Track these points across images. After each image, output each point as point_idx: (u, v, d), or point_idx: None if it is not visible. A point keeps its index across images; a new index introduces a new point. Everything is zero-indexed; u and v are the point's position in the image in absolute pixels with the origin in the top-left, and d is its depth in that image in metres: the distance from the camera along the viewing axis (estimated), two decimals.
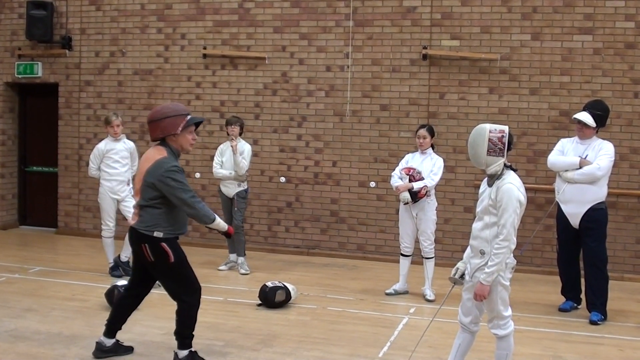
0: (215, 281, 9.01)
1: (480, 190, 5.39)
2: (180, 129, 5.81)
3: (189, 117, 5.89)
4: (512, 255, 5.22)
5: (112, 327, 6.18)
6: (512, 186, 5.10)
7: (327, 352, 6.46)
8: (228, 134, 9.55)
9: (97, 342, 6.17)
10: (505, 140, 5.16)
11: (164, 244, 5.77)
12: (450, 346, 6.60)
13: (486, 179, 5.33)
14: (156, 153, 5.82)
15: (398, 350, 6.57)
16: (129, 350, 6.26)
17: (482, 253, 5.19)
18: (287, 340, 6.79)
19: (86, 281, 8.95)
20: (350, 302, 8.32)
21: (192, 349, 5.95)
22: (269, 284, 8.06)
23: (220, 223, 6.01)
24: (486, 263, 5.13)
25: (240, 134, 9.61)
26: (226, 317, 7.52)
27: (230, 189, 9.58)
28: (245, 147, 9.59)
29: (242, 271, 9.60)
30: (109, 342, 6.16)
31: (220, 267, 9.77)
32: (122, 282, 7.84)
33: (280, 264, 10.39)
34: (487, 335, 6.75)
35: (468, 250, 5.48)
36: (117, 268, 9.24)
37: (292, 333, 7.04)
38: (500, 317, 5.27)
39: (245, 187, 9.67)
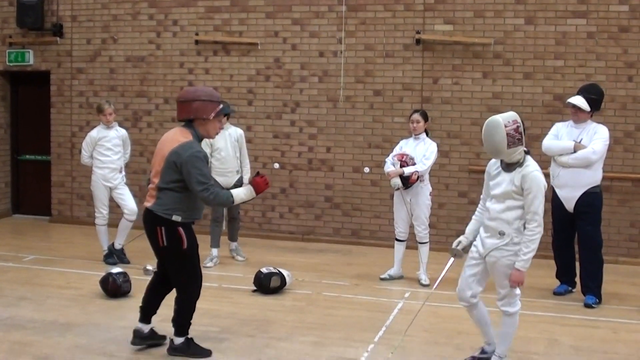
0: (210, 267, 8.99)
1: (492, 173, 5.46)
2: (213, 114, 5.77)
3: (221, 105, 5.87)
4: None
5: (147, 312, 6.08)
6: (539, 174, 5.25)
7: (322, 337, 6.46)
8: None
9: (134, 330, 6.07)
10: (522, 128, 5.24)
11: (180, 229, 5.71)
12: (446, 330, 6.67)
13: (498, 163, 5.41)
14: (180, 135, 5.73)
15: (393, 334, 6.57)
16: (164, 338, 6.12)
17: (502, 234, 5.31)
18: (283, 326, 6.79)
19: (81, 269, 8.93)
20: (345, 288, 8.33)
21: (189, 336, 5.94)
22: (264, 270, 8.06)
23: (244, 196, 5.81)
24: (507, 243, 5.26)
25: (227, 119, 9.29)
26: (221, 303, 7.51)
27: (230, 179, 9.15)
28: (238, 133, 9.33)
29: (239, 258, 9.58)
30: (146, 328, 6.07)
31: (207, 264, 9.10)
32: (117, 269, 7.84)
33: (274, 250, 10.39)
34: None
35: (470, 226, 5.66)
36: (111, 255, 9.23)
37: (287, 319, 7.04)
38: (512, 295, 5.43)
39: (240, 174, 9.46)
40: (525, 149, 5.33)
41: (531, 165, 5.27)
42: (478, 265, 5.48)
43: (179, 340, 5.91)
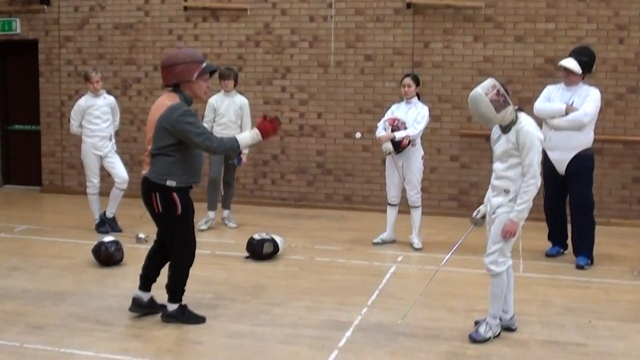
0: (202, 234, 8.98)
1: (495, 137, 5.57)
2: (195, 75, 5.71)
3: (204, 64, 5.80)
4: None
5: (147, 281, 6.05)
6: (531, 128, 5.35)
7: (316, 302, 6.48)
8: (222, 88, 9.34)
9: (133, 297, 6.05)
10: (502, 90, 5.31)
11: (174, 194, 5.68)
12: (439, 293, 6.68)
13: (497, 126, 5.50)
14: (168, 100, 5.71)
15: (386, 298, 6.60)
16: (163, 307, 6.06)
17: (507, 192, 5.41)
18: (276, 292, 6.80)
19: (73, 238, 8.92)
20: (338, 253, 8.34)
21: (182, 303, 5.95)
22: (257, 236, 8.05)
23: (250, 140, 5.77)
24: (511, 200, 5.37)
25: (234, 86, 9.41)
26: (214, 270, 7.51)
27: None
28: (242, 101, 9.38)
29: (231, 225, 9.58)
30: (146, 296, 6.05)
31: (201, 227, 9.26)
32: (109, 238, 7.82)
33: (267, 216, 10.39)
34: (475, 282, 6.82)
35: (488, 193, 5.70)
36: (103, 224, 9.21)
37: (281, 284, 7.06)
38: (502, 254, 5.48)
39: None
40: (515, 107, 5.41)
41: (524, 121, 5.37)
42: (493, 225, 5.53)
43: (172, 307, 5.91)
